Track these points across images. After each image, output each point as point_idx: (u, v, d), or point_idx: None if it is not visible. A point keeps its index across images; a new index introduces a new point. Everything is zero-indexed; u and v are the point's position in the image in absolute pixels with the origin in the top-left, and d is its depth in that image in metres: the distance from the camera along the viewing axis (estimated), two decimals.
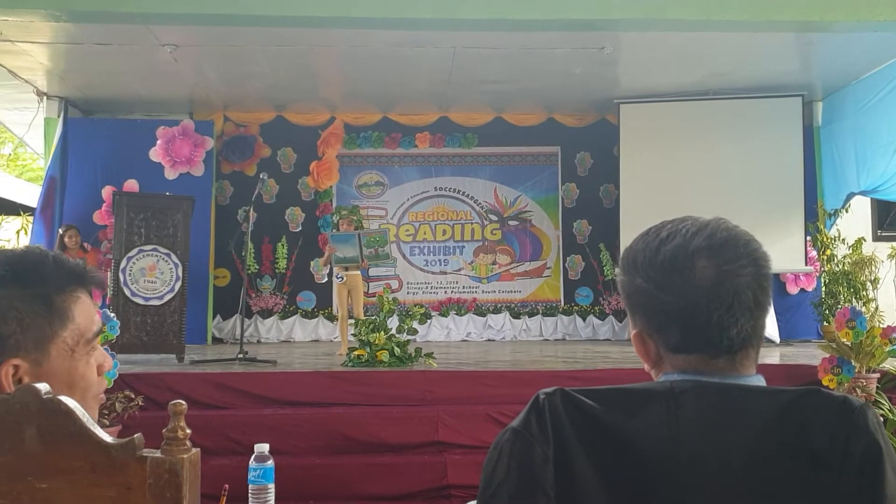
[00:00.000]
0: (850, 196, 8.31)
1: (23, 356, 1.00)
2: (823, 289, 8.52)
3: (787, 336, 8.28)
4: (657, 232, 0.99)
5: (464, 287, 9.47)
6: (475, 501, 0.95)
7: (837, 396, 0.91)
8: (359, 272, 7.04)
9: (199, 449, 0.89)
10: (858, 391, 4.66)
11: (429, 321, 9.03)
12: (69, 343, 1.04)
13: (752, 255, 0.96)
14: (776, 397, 0.92)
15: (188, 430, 0.87)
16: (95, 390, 1.09)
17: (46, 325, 1.02)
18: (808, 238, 8.49)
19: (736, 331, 0.94)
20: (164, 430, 0.86)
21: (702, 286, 0.93)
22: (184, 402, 0.88)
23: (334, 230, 7.37)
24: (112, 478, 0.85)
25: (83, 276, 1.07)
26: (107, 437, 0.87)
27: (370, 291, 8.98)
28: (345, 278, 6.88)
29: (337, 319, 7.86)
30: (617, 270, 1.05)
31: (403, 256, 9.46)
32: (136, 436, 0.87)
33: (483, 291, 9.48)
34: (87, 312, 1.07)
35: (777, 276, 8.80)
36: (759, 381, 0.96)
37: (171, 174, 8.57)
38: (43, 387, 0.89)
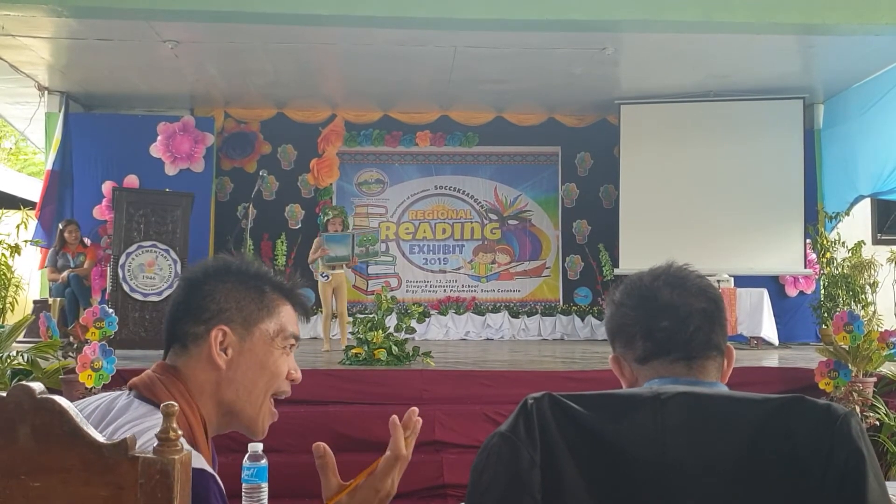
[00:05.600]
0: (858, 199, 8.31)
1: (231, 327, 1.23)
2: (822, 292, 8.52)
3: (786, 339, 8.28)
4: (639, 276, 1.20)
5: (463, 286, 9.48)
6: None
7: (822, 404, 0.92)
8: (343, 271, 7.15)
9: (190, 450, 0.90)
10: (855, 395, 4.66)
11: (427, 319, 9.04)
12: (270, 332, 1.25)
13: (702, 287, 1.15)
14: (761, 405, 0.93)
15: (180, 432, 0.87)
16: (279, 384, 1.28)
17: (256, 310, 1.25)
18: (808, 241, 8.49)
19: (689, 337, 1.10)
20: (155, 433, 0.87)
21: (661, 304, 1.12)
22: (175, 404, 0.88)
23: (322, 231, 7.43)
24: (104, 477, 0.86)
25: (290, 292, 1.30)
26: (99, 437, 0.88)
27: (369, 289, 9.00)
28: (330, 277, 6.98)
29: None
30: (605, 312, 1.25)
31: (403, 255, 9.47)
32: (127, 436, 0.88)
33: (482, 290, 9.49)
34: (290, 317, 1.29)
35: (776, 278, 8.81)
36: (723, 387, 1.09)
37: (171, 170, 8.58)
38: (37, 386, 0.90)
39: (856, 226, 8.81)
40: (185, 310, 1.24)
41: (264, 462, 1.69)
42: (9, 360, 4.72)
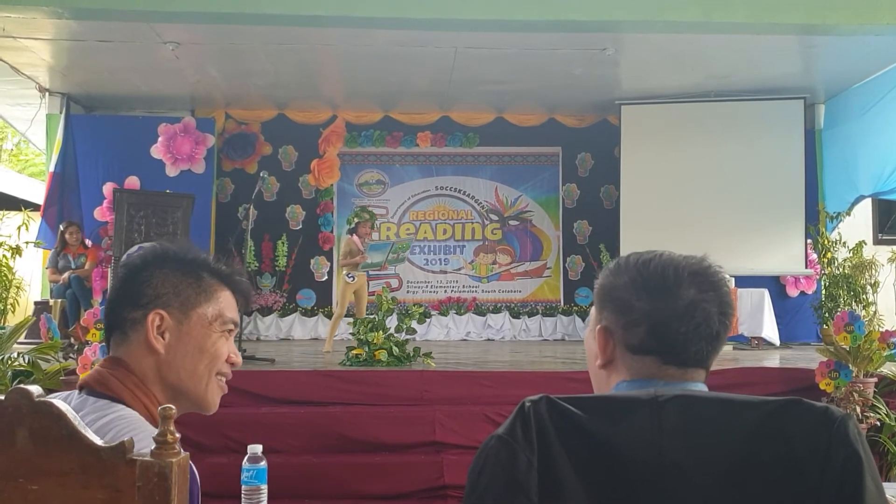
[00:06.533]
0: (858, 199, 8.31)
1: (169, 311, 1.24)
2: (823, 292, 8.51)
3: (787, 339, 8.27)
4: (652, 252, 1.09)
5: (464, 286, 9.48)
6: None
7: (819, 407, 0.92)
8: (364, 272, 7.19)
9: (188, 453, 0.90)
10: (855, 395, 4.66)
11: (428, 320, 9.03)
12: (208, 316, 1.27)
13: (722, 297, 1.05)
14: (758, 407, 0.93)
15: (177, 434, 0.87)
16: (221, 366, 1.29)
17: (193, 295, 1.27)
18: (809, 241, 8.48)
19: (695, 349, 1.03)
20: (153, 436, 0.87)
21: (680, 303, 1.02)
22: (173, 407, 0.88)
23: (351, 233, 7.44)
24: (102, 480, 0.86)
25: (229, 278, 1.33)
26: (97, 440, 0.88)
27: (370, 290, 8.98)
28: (356, 278, 7.02)
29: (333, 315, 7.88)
30: (602, 271, 1.14)
31: None
32: (126, 439, 0.88)
33: (483, 291, 9.49)
34: (228, 303, 1.31)
35: (777, 278, 8.81)
36: (703, 388, 1.04)
37: (172, 171, 8.59)
38: (35, 389, 0.90)
39: (857, 226, 8.80)
40: (123, 296, 1.26)
41: (263, 464, 1.69)
42: (10, 362, 4.73)
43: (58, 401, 0.90)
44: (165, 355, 1.24)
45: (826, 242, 8.47)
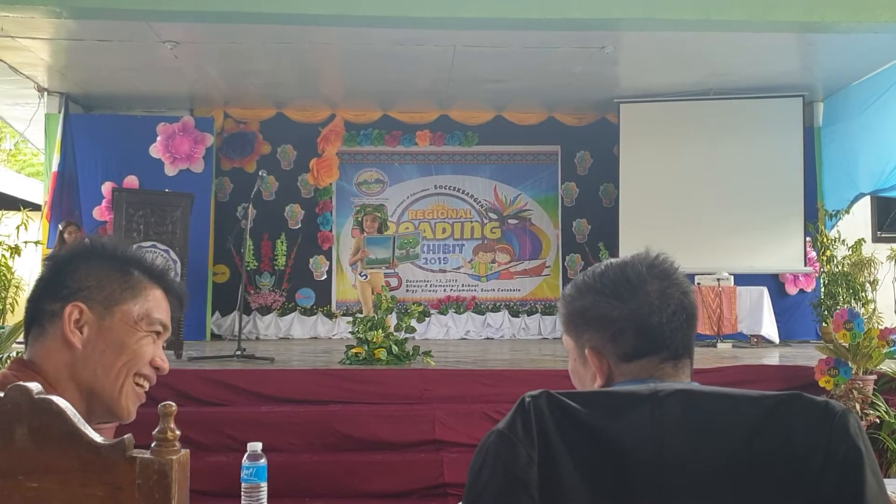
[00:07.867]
0: (858, 197, 8.31)
1: (90, 305, 1.17)
2: (822, 290, 8.52)
3: (786, 337, 8.28)
4: (596, 265, 1.14)
5: (463, 285, 9.48)
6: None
7: (819, 401, 0.92)
8: (379, 270, 7.20)
9: (188, 450, 0.90)
10: (855, 393, 4.67)
11: (428, 319, 9.03)
12: (134, 315, 1.20)
13: (679, 280, 1.10)
14: (759, 402, 0.93)
15: (178, 432, 0.87)
16: (143, 367, 1.21)
17: (118, 291, 1.19)
18: (808, 239, 8.49)
19: (682, 335, 1.07)
20: (153, 432, 0.87)
21: (651, 297, 1.06)
22: (173, 404, 0.88)
23: (356, 228, 7.45)
24: (101, 478, 0.86)
25: (160, 277, 1.25)
26: (97, 437, 0.88)
27: None
28: (369, 276, 7.03)
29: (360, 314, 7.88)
30: (560, 303, 1.16)
31: None
32: (126, 436, 0.87)
33: (482, 290, 9.49)
34: (158, 303, 1.23)
35: (776, 276, 8.82)
36: (696, 385, 1.04)
37: (170, 170, 8.59)
38: (35, 386, 0.90)
39: (856, 224, 8.81)
40: (45, 287, 1.20)
41: (263, 462, 1.69)
42: (9, 361, 4.72)
43: (57, 398, 0.90)
44: (82, 351, 1.16)
45: (825, 240, 8.48)
